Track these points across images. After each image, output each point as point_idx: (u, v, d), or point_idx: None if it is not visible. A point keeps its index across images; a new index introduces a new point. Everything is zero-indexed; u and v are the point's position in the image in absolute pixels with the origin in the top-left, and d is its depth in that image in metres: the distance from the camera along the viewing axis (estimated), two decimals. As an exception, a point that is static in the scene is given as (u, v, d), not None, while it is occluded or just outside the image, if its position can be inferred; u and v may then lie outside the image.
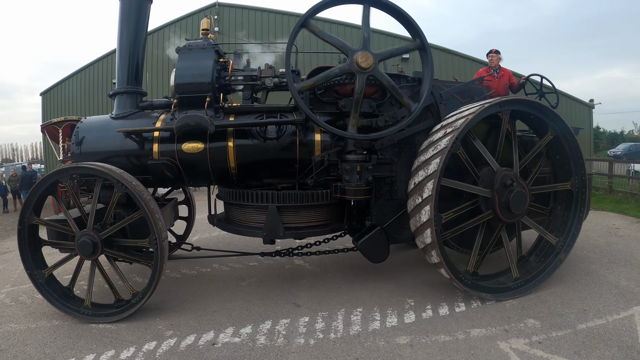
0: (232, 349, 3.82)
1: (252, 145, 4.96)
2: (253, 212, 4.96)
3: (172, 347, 3.92)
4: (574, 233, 4.92)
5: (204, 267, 6.24)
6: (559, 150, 4.90)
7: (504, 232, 4.73)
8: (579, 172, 4.87)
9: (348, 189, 4.68)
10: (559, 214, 5.09)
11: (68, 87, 21.99)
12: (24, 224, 4.57)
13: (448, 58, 19.89)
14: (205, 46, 5.07)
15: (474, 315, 4.21)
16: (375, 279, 5.40)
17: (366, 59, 4.25)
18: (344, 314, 4.40)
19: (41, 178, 4.63)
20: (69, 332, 4.34)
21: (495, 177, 4.54)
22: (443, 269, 4.36)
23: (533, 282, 4.78)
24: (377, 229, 4.80)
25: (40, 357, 3.85)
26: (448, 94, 5.05)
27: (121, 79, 5.45)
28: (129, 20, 5.40)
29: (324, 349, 3.72)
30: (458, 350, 3.57)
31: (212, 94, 4.86)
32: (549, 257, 4.93)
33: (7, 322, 4.64)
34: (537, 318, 4.07)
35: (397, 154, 4.91)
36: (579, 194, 4.90)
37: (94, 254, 4.50)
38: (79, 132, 5.29)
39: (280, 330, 4.11)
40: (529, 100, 4.75)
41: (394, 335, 3.91)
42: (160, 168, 4.92)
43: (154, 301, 4.96)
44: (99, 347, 3.97)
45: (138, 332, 4.24)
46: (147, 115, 5.33)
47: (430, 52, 4.55)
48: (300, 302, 4.78)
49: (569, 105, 21.22)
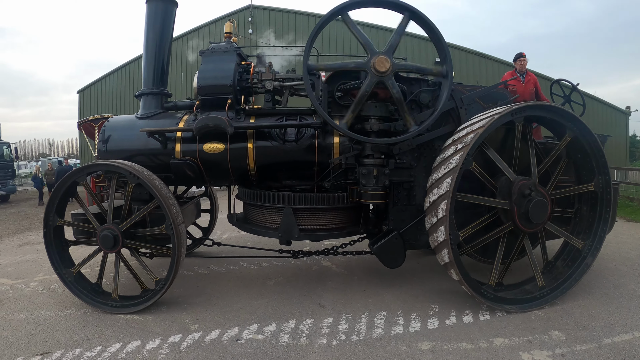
0: (255, 345, 3.91)
1: (272, 147, 5.04)
2: (269, 212, 5.06)
3: (197, 340, 4.04)
4: (600, 235, 4.79)
5: (232, 265, 6.39)
6: (580, 151, 4.79)
7: (526, 240, 4.66)
8: (601, 171, 4.73)
9: (364, 193, 4.70)
10: (585, 215, 4.96)
11: (104, 85, 22.75)
12: (48, 226, 4.81)
13: (482, 62, 19.67)
14: (227, 49, 5.21)
15: (498, 324, 4.20)
16: (401, 283, 5.42)
17: (384, 64, 4.27)
18: (368, 317, 4.44)
19: (60, 180, 4.83)
20: (98, 321, 4.52)
21: (512, 188, 4.45)
22: (464, 285, 4.36)
23: (560, 290, 4.70)
24: (393, 234, 4.81)
25: (69, 344, 4.03)
26: (469, 99, 5.00)
27: (147, 80, 5.66)
28: (155, 23, 5.61)
29: (346, 351, 3.77)
30: (479, 358, 3.57)
31: (233, 95, 4.99)
32: (576, 261, 4.83)
33: (38, 309, 4.88)
34: (562, 330, 4.03)
35: (417, 158, 4.90)
36: (603, 194, 4.76)
37: (115, 247, 4.70)
38: (105, 131, 5.51)
39: (303, 330, 4.18)
40: (542, 104, 4.64)
41: (416, 340, 3.93)
42: (182, 167, 5.09)
43: (181, 295, 5.17)
44: (126, 337, 4.13)
45: (164, 325, 4.38)
46: (170, 116, 5.50)
47: (451, 79, 4.54)
48: (325, 303, 4.84)
49: (604, 112, 20.66)
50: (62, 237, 4.98)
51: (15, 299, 5.27)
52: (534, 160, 4.60)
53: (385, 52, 4.32)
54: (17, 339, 4.18)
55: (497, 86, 5.28)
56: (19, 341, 4.13)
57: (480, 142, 4.25)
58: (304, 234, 4.90)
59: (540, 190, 4.48)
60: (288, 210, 4.80)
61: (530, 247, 4.69)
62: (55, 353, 3.87)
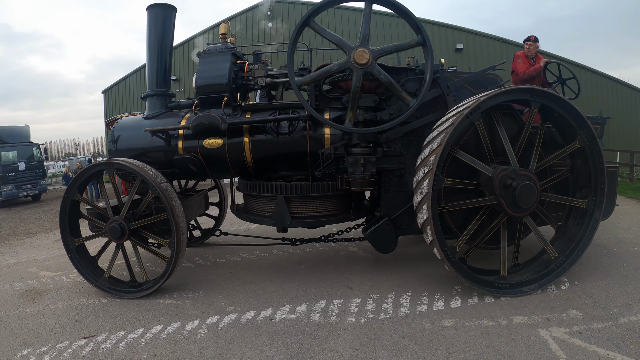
0: (288, 324, 4.14)
1: (266, 141, 5.27)
2: (265, 202, 5.32)
3: (233, 321, 4.28)
4: (601, 188, 4.70)
5: (263, 252, 6.66)
6: (553, 114, 4.67)
7: (527, 218, 4.62)
8: (581, 125, 4.61)
9: (352, 181, 4.85)
10: (580, 169, 4.85)
11: (128, 85, 23.26)
12: (67, 197, 5.17)
13: (503, 47, 19.38)
14: (223, 50, 5.48)
15: (518, 303, 4.32)
16: (425, 266, 5.56)
17: (363, 55, 4.37)
18: (394, 297, 4.62)
19: (72, 179, 5.21)
20: (138, 306, 4.79)
21: (493, 183, 4.43)
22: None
23: (575, 254, 4.71)
24: (385, 220, 4.94)
25: (112, 327, 4.30)
26: (456, 85, 5.00)
27: (151, 82, 5.98)
28: (156, 28, 5.92)
29: (373, 327, 3.97)
30: (499, 334, 3.72)
31: (229, 93, 5.25)
32: (584, 219, 4.80)
33: (80, 298, 5.19)
34: (580, 309, 4.12)
35: (407, 146, 4.98)
36: (591, 147, 4.64)
37: (122, 238, 5.08)
38: (115, 132, 5.86)
39: (333, 310, 4.39)
40: (504, 90, 4.44)
41: (440, 318, 4.09)
42: (185, 162, 5.40)
43: (216, 281, 5.47)
44: (166, 320, 4.39)
45: (202, 307, 4.64)
46: (174, 115, 5.79)
47: (430, 47, 4.54)
48: (353, 285, 5.04)
49: (630, 95, 20.24)
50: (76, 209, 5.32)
51: (57, 289, 5.58)
52: (508, 145, 4.51)
53: (360, 44, 4.42)
54: (63, 325, 4.46)
55: (485, 72, 5.22)
56: (64, 327, 4.41)
57: (451, 143, 4.25)
58: (295, 220, 5.13)
59: (522, 174, 4.41)
60: (280, 198, 5.05)
61: (534, 224, 4.67)
62: (100, 336, 4.14)
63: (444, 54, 18.83)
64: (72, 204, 5.20)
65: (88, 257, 5.38)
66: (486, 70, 5.22)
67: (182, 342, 3.92)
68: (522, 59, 6.77)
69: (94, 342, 4.02)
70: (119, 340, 4.03)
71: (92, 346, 3.96)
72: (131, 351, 3.81)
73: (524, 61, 6.74)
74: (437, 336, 3.76)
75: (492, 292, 4.49)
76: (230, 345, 3.81)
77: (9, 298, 5.42)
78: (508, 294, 4.51)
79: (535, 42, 6.77)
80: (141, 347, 3.87)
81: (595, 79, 19.93)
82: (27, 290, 5.70)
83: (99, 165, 5.16)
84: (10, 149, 18.13)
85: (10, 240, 9.84)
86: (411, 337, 3.77)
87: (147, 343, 3.94)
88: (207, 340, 3.92)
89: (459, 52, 19.36)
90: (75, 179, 5.15)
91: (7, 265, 7.23)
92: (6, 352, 3.97)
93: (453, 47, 19.58)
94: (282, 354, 3.61)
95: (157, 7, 5.87)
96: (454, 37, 19.83)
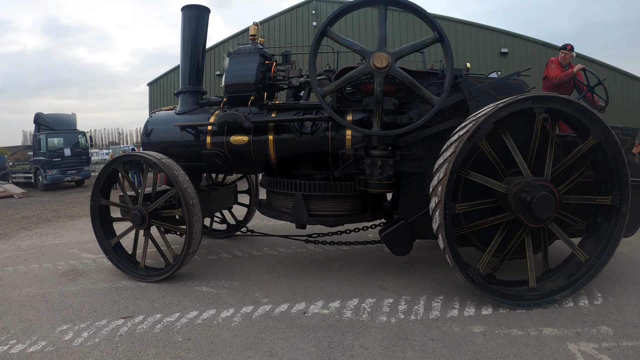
0: (320, 318, 4.19)
1: (290, 139, 5.37)
2: (284, 198, 5.43)
3: (267, 312, 4.36)
4: (624, 180, 4.48)
5: (300, 248, 6.75)
6: (562, 117, 4.54)
7: (552, 224, 4.48)
8: (594, 122, 4.40)
9: (370, 182, 4.87)
10: (601, 162, 4.61)
11: (172, 78, 23.88)
12: (94, 205, 5.58)
13: (548, 52, 18.86)
14: (251, 50, 5.66)
15: (550, 315, 4.26)
16: None
17: (382, 59, 4.38)
18: (426, 300, 4.62)
19: (102, 168, 5.53)
20: (176, 292, 4.93)
21: (507, 200, 4.33)
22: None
23: (606, 253, 4.55)
24: (401, 223, 4.92)
25: (149, 310, 4.45)
26: (479, 91, 4.89)
27: (184, 79, 6.25)
28: (190, 28, 6.20)
29: (403, 328, 3.98)
30: (528, 344, 3.67)
31: (256, 92, 5.43)
32: (612, 215, 4.62)
33: (119, 280, 5.39)
34: (611, 326, 4.02)
35: (427, 150, 4.92)
36: (608, 141, 4.42)
37: (143, 224, 5.37)
38: (147, 125, 6.18)
39: (365, 308, 4.42)
40: (502, 105, 4.24)
41: (470, 323, 4.07)
42: (212, 157, 5.64)
43: (253, 272, 5.60)
44: (202, 306, 4.51)
45: (237, 297, 4.75)
46: (204, 111, 5.97)
47: (449, 45, 4.47)
48: (387, 286, 5.07)
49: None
50: (106, 214, 5.77)
51: (98, 270, 5.81)
52: (519, 156, 4.34)
53: (378, 48, 4.42)
54: (102, 304, 4.64)
55: (510, 77, 5.10)
56: (103, 306, 4.58)
57: (458, 165, 4.15)
58: (312, 218, 5.21)
59: (537, 184, 4.27)
60: (298, 196, 5.14)
61: (559, 229, 4.55)
62: (137, 317, 4.29)
63: (489, 57, 18.56)
64: (101, 208, 5.61)
65: (125, 254, 5.71)
66: (511, 76, 5.11)
67: (216, 329, 4.03)
68: (555, 65, 6.63)
69: (131, 323, 4.18)
70: (155, 323, 4.17)
71: (129, 326, 4.11)
72: (167, 333, 3.95)
73: (557, 67, 6.60)
74: (466, 341, 3.75)
75: (523, 305, 4.41)
76: (262, 335, 3.90)
77: (52, 276, 5.68)
78: (539, 304, 4.42)
79: (571, 51, 6.61)
80: (176, 331, 4.00)
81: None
82: (69, 269, 5.96)
83: (111, 165, 5.49)
84: (57, 135, 19.03)
85: (53, 222, 10.27)
86: (440, 340, 3.78)
87: (183, 327, 4.07)
88: (240, 329, 4.02)
89: (503, 56, 19.00)
90: (95, 185, 5.52)
91: (50, 246, 7.57)
92: (46, 326, 4.16)
93: (498, 50, 19.25)
94: (313, 347, 3.67)
95: (191, 8, 6.17)
96: (499, 41, 19.47)
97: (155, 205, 5.33)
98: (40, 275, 5.80)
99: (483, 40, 19.23)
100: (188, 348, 3.71)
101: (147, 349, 3.72)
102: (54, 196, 16.12)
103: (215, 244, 7.25)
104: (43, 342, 3.86)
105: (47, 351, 3.70)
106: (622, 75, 19.59)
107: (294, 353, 3.61)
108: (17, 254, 7.02)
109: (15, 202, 14.88)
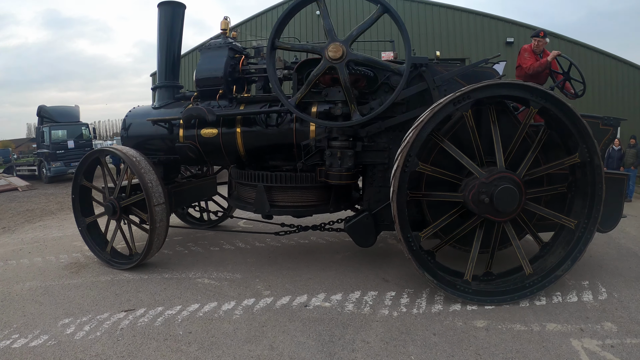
0: (322, 311, 4.19)
1: (256, 132, 5.40)
2: (249, 189, 5.48)
3: (269, 304, 4.37)
4: (586, 132, 4.22)
5: (302, 239, 6.75)
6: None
7: (529, 204, 4.35)
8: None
9: (330, 174, 4.85)
10: (556, 122, 4.36)
11: (175, 69, 23.90)
12: (76, 183, 5.88)
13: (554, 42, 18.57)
14: (221, 45, 5.71)
15: (553, 310, 4.22)
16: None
17: (336, 50, 4.33)
18: (429, 293, 4.60)
19: (80, 162, 5.83)
20: (178, 284, 4.94)
21: (468, 205, 4.25)
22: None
23: (594, 210, 4.36)
24: (364, 214, 4.89)
25: (151, 303, 4.46)
26: (443, 79, 4.74)
27: (160, 74, 6.32)
28: (166, 24, 6.26)
29: (405, 322, 3.97)
30: (531, 340, 3.65)
31: (224, 86, 5.48)
32: (587, 169, 4.36)
33: (121, 273, 5.40)
34: (615, 322, 3.99)
35: (392, 140, 4.84)
36: (551, 104, 4.21)
37: (115, 215, 5.60)
38: (126, 120, 6.33)
39: (367, 301, 4.41)
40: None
41: (473, 318, 4.05)
42: (185, 150, 5.76)
43: (254, 264, 5.59)
44: (203, 299, 4.51)
45: (239, 289, 4.75)
46: (179, 105, 6.03)
47: (396, 14, 4.33)
48: (389, 278, 5.05)
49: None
50: (88, 193, 6.06)
51: (100, 263, 5.79)
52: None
53: (343, 41, 4.36)
54: (104, 297, 4.64)
55: (479, 64, 4.96)
56: (105, 299, 4.58)
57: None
58: (274, 209, 5.24)
59: (492, 179, 4.16)
60: (260, 187, 5.18)
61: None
62: (138, 310, 4.29)
63: (494, 47, 18.30)
64: (82, 188, 5.89)
65: (99, 234, 6.01)
66: (479, 64, 4.98)
67: (218, 322, 4.03)
68: (528, 53, 6.43)
69: (133, 316, 4.18)
70: (156, 316, 4.17)
71: (130, 319, 4.12)
72: (168, 326, 3.95)
73: (530, 55, 6.41)
74: (468, 336, 3.73)
75: (526, 295, 4.36)
76: (263, 328, 3.89)
77: (54, 269, 5.69)
78: (542, 287, 4.38)
79: (544, 37, 6.40)
80: (177, 324, 4.00)
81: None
82: (72, 262, 5.97)
83: (93, 154, 5.73)
84: (60, 127, 19.00)
85: (57, 215, 10.32)
86: (442, 334, 3.76)
87: (184, 320, 4.07)
88: (241, 322, 4.02)
89: (509, 45, 18.74)
90: (79, 166, 5.78)
91: (54, 238, 7.58)
92: (48, 319, 4.17)
93: (503, 40, 18.95)
94: (314, 341, 3.67)
95: (167, 5, 6.22)
96: (505, 30, 19.19)
97: (127, 202, 5.53)
98: (43, 268, 5.81)
99: (489, 30, 18.97)
100: (189, 341, 3.71)
101: (148, 342, 3.72)
102: (57, 188, 16.16)
103: (217, 235, 7.25)
104: (45, 336, 3.86)
105: (49, 345, 3.71)
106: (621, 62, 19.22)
107: (295, 347, 3.60)
108: (21, 247, 7.05)
109: (20, 194, 14.90)
